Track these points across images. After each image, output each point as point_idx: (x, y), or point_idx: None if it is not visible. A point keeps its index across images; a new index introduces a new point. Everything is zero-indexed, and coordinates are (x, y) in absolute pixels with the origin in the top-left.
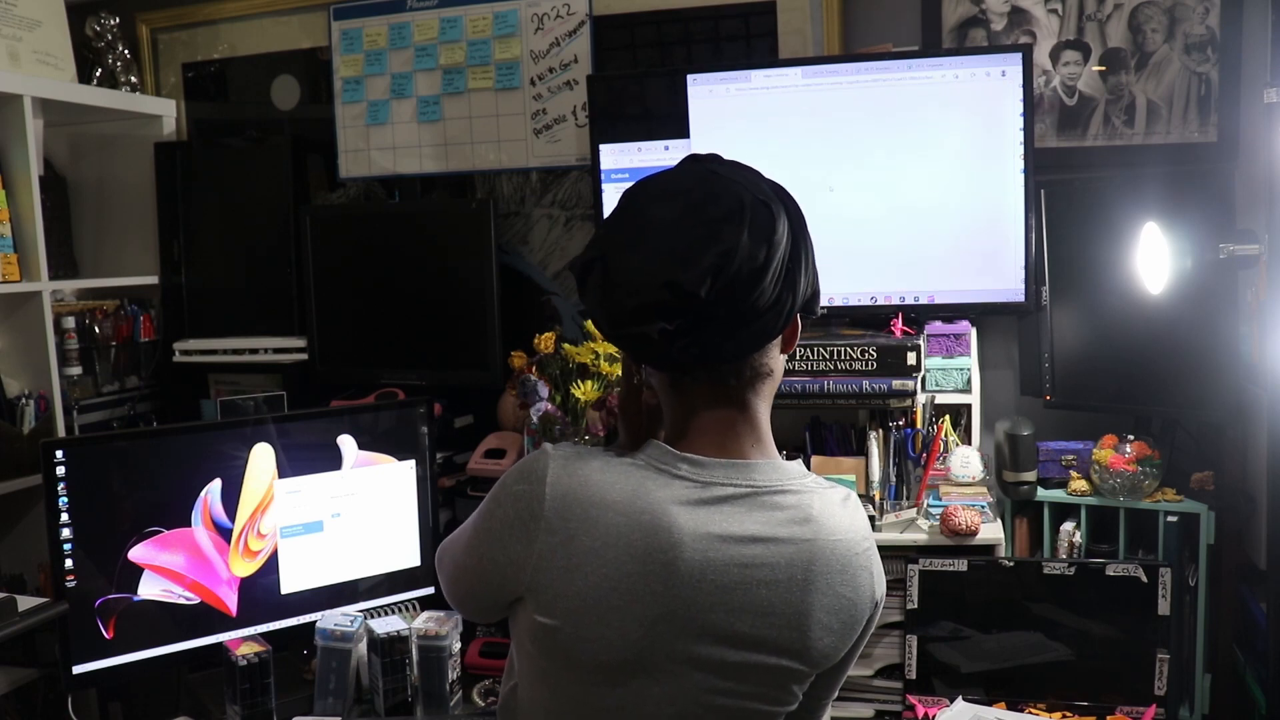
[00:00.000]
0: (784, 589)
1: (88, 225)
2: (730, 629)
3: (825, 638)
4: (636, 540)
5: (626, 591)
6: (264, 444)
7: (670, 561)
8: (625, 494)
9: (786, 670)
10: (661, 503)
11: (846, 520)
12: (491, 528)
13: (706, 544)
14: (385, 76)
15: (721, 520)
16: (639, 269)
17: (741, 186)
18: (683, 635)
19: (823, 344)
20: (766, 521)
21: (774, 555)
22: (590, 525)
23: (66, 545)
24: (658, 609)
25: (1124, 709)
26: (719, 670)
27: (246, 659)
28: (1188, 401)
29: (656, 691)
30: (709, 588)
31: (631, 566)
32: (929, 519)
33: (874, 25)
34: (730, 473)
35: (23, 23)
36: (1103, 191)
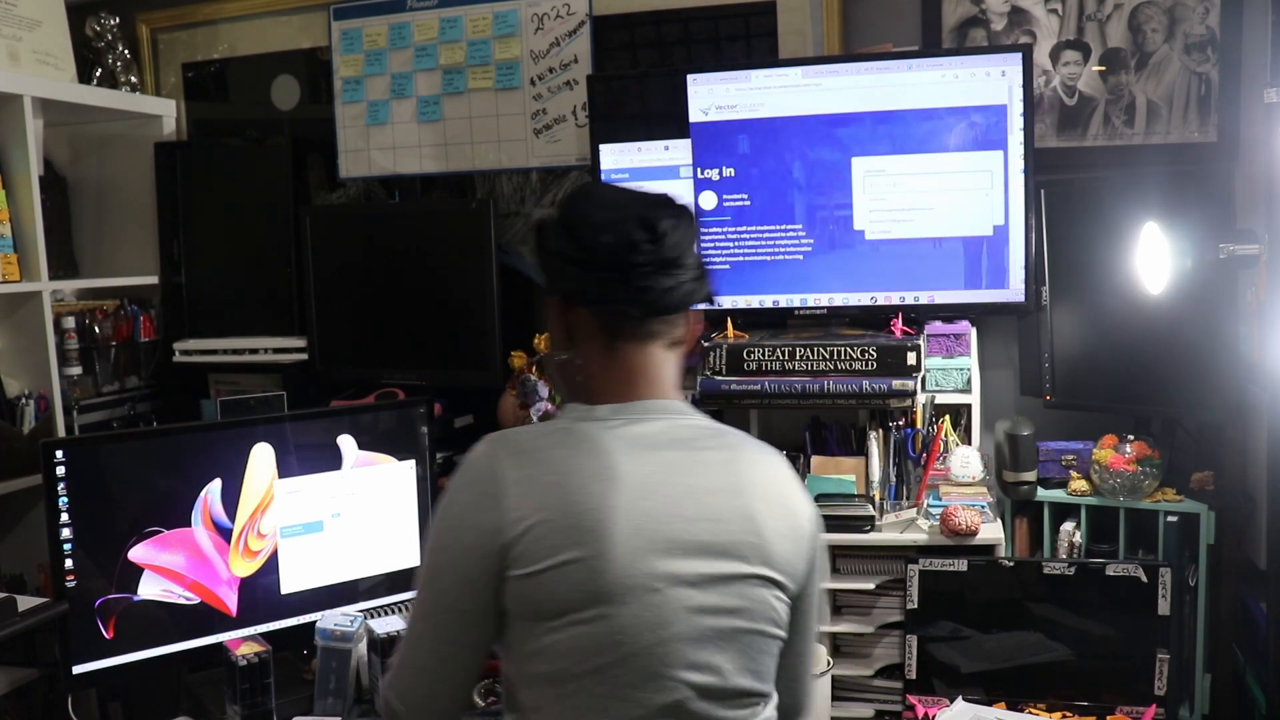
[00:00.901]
0: (727, 496)
1: (88, 225)
2: (694, 538)
3: (780, 543)
4: (585, 464)
5: (593, 511)
6: (264, 444)
7: (618, 477)
8: (559, 437)
9: (762, 580)
10: (592, 433)
11: (764, 450)
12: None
13: (643, 458)
14: (385, 76)
15: (648, 440)
16: (609, 219)
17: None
18: (653, 550)
19: (823, 344)
20: (690, 441)
21: (705, 465)
22: (544, 465)
23: (66, 545)
24: (624, 525)
25: (1124, 709)
26: (699, 583)
27: (246, 659)
28: (1188, 401)
29: (648, 616)
30: (659, 499)
31: (592, 486)
32: (929, 519)
33: (874, 25)
34: (643, 406)
35: (23, 23)
36: (1103, 191)
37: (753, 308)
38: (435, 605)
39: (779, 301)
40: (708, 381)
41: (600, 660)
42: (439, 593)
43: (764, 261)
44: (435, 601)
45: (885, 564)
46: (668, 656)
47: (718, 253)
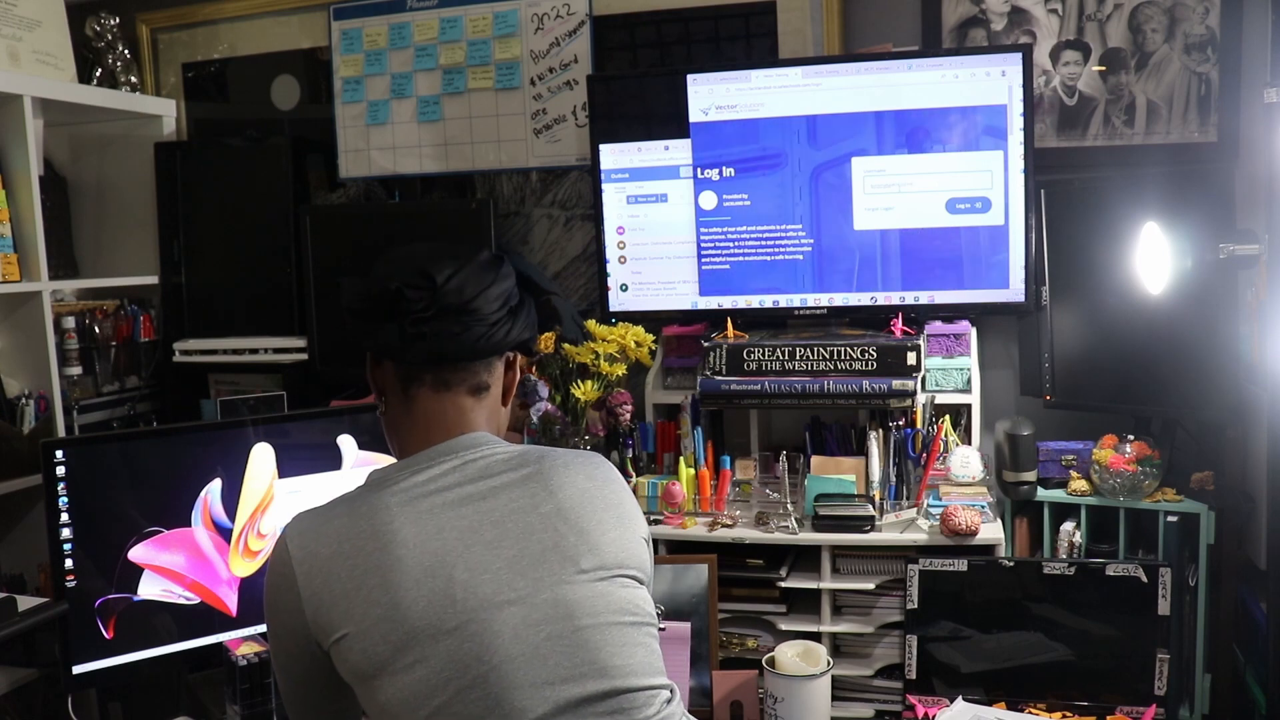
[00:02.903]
0: (530, 507)
1: (88, 225)
2: (500, 558)
3: (609, 533)
4: (362, 528)
5: (375, 569)
6: (264, 444)
7: (396, 529)
8: (344, 507)
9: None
10: (374, 496)
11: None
12: (270, 606)
13: (428, 503)
14: (385, 76)
15: (434, 484)
16: (401, 265)
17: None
18: (453, 584)
19: (823, 344)
20: (482, 471)
21: (502, 492)
22: (323, 540)
23: (66, 545)
24: (412, 570)
25: (1124, 709)
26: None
27: (246, 659)
28: (1188, 401)
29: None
30: (451, 534)
31: (369, 546)
32: (929, 519)
33: (874, 25)
34: (432, 453)
35: (23, 23)
36: (1103, 191)
37: (753, 308)
38: (284, 676)
39: (779, 301)
40: (707, 381)
41: (436, 702)
42: (281, 667)
43: (764, 261)
44: (283, 673)
45: (885, 564)
46: (505, 679)
47: (717, 253)
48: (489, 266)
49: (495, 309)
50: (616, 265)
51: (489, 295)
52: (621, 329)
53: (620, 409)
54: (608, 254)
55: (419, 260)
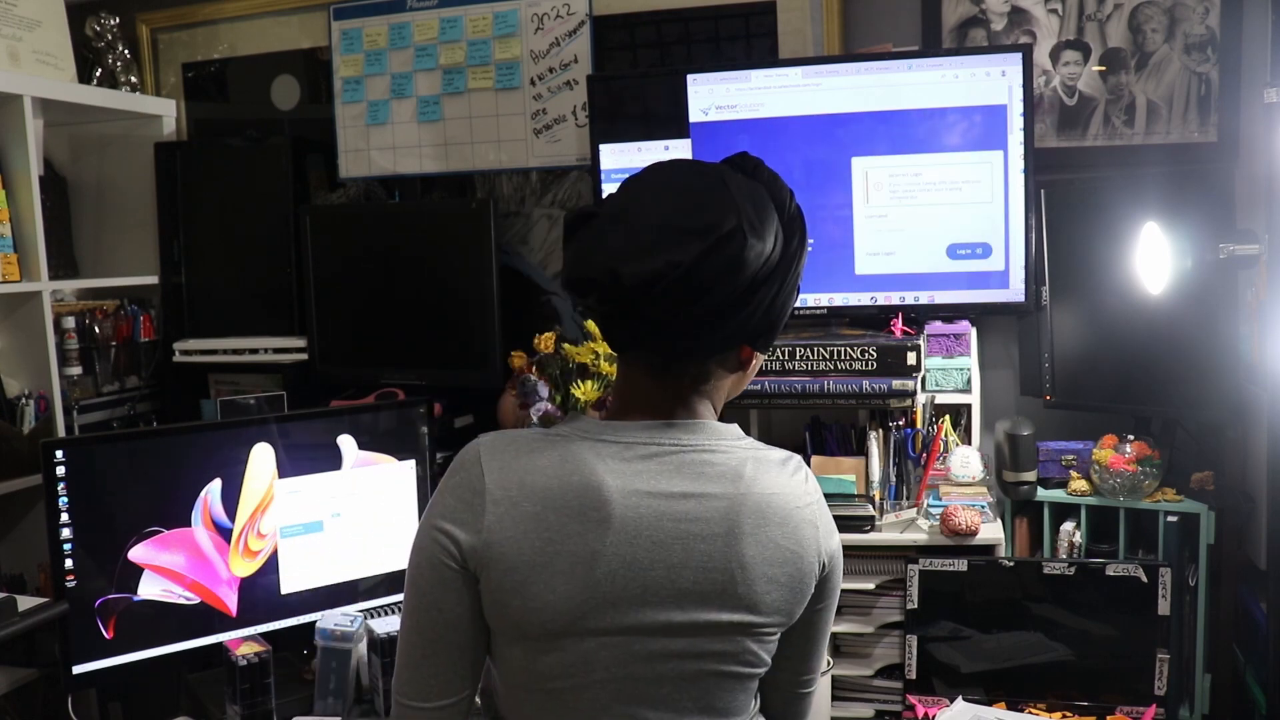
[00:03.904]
0: (720, 542)
1: (88, 225)
2: (674, 586)
3: (772, 590)
4: (571, 500)
5: (570, 554)
6: (264, 444)
7: (605, 519)
8: (554, 460)
9: (741, 626)
10: (588, 462)
11: (784, 478)
12: (437, 526)
13: (636, 500)
14: (385, 76)
15: (648, 478)
16: (602, 246)
17: (739, 208)
18: (626, 597)
19: (823, 344)
20: (696, 477)
21: (705, 509)
22: (528, 492)
23: (66, 545)
24: (601, 568)
25: (1124, 709)
26: (668, 631)
27: (246, 659)
28: (1188, 401)
29: (604, 656)
30: (645, 544)
31: (572, 527)
32: (929, 519)
33: (874, 25)
34: (654, 433)
35: (23, 23)
36: (1103, 191)
37: None
38: (418, 604)
39: None
40: None
41: (553, 685)
42: (421, 594)
43: None
44: (419, 602)
45: (885, 564)
46: (620, 694)
47: None
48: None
49: (711, 310)
50: None
51: (703, 299)
52: None
53: None
54: None
55: (619, 245)
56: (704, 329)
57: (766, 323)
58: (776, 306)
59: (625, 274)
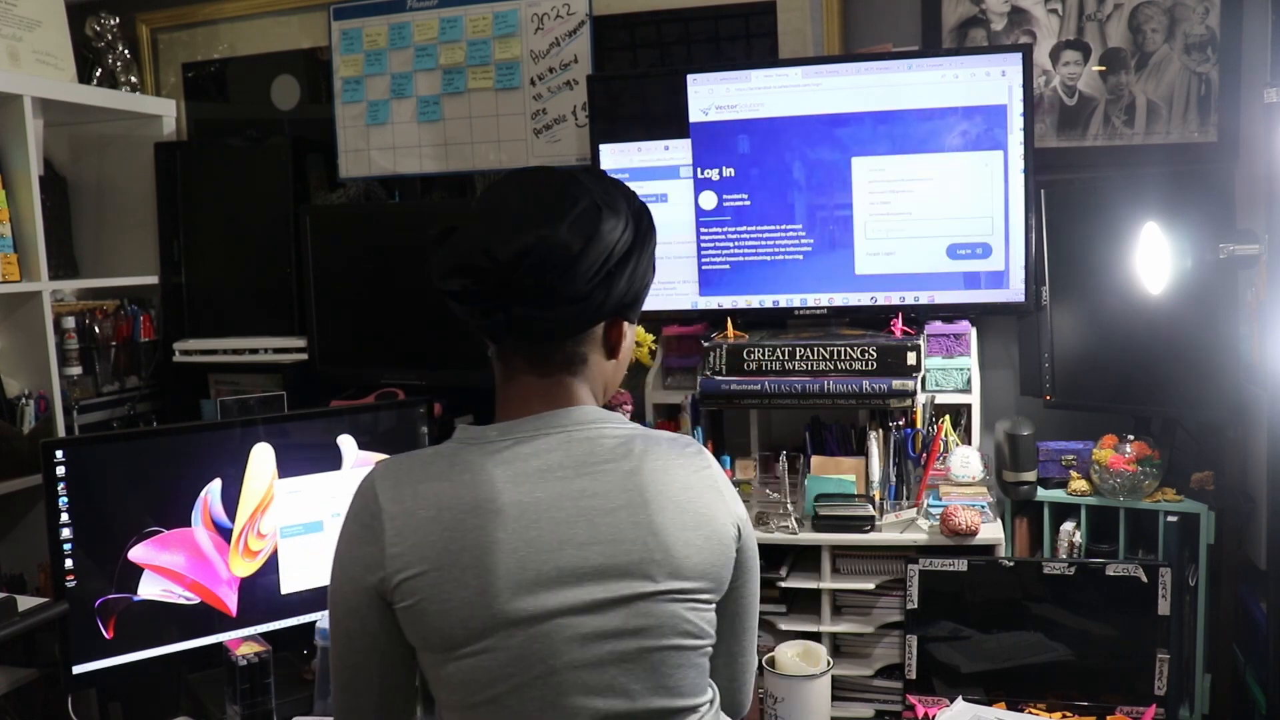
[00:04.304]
0: (625, 513)
1: (88, 225)
2: (587, 563)
3: (692, 553)
4: (464, 498)
5: (472, 547)
6: (264, 444)
7: (498, 509)
8: (443, 466)
9: (671, 594)
10: (476, 461)
11: (676, 449)
12: (343, 554)
13: (529, 485)
14: (385, 76)
15: (538, 465)
16: (472, 236)
17: (590, 191)
18: (540, 581)
19: (823, 344)
20: (585, 456)
21: (600, 484)
22: (422, 500)
23: (66, 545)
24: (505, 556)
25: (1124, 709)
26: (593, 609)
27: (246, 659)
28: (1188, 401)
29: (537, 648)
30: (547, 524)
31: (469, 521)
32: (929, 519)
33: (874, 25)
34: (538, 424)
35: (23, 23)
36: (1103, 191)
37: (753, 308)
38: (336, 632)
39: (779, 301)
40: (708, 381)
41: (494, 691)
42: (337, 621)
43: (764, 261)
44: (336, 629)
45: (885, 564)
46: (563, 686)
47: (717, 252)
48: (579, 227)
49: (585, 281)
50: None
51: (575, 271)
52: None
53: (620, 409)
54: None
55: (491, 234)
56: (574, 303)
57: (631, 294)
58: (637, 279)
59: (500, 251)
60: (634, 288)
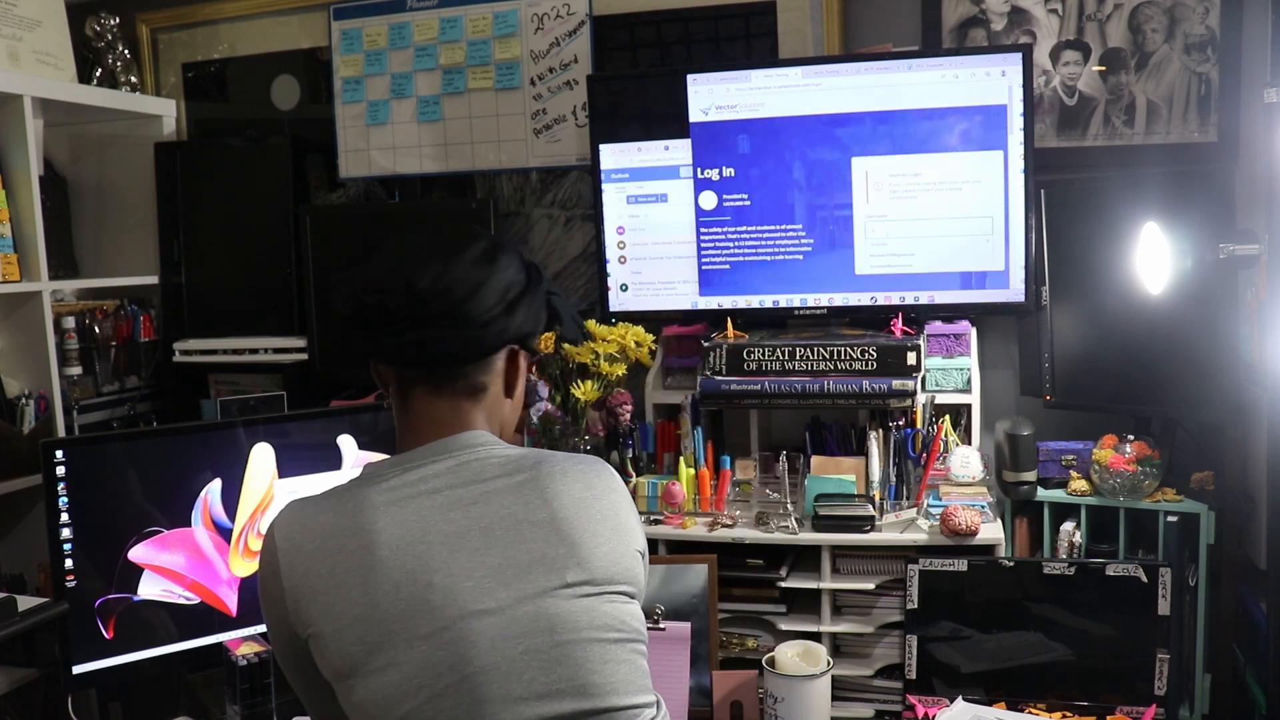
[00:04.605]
0: (524, 514)
1: (88, 225)
2: (486, 566)
3: (601, 543)
4: (346, 524)
5: (356, 566)
6: (264, 444)
7: (379, 530)
8: (333, 502)
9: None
10: (364, 494)
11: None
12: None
13: (416, 504)
14: (385, 76)
15: (424, 485)
16: (385, 273)
17: (485, 236)
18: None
19: (823, 344)
20: (475, 474)
21: (498, 496)
22: (310, 534)
23: (66, 545)
24: (393, 573)
25: (1124, 709)
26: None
27: (246, 659)
28: (1188, 401)
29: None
30: (437, 538)
31: (350, 544)
32: (929, 519)
33: (874, 25)
34: (431, 450)
35: (23, 23)
36: (1103, 191)
37: (753, 308)
38: (281, 661)
39: (779, 301)
40: (708, 381)
41: (406, 707)
42: (277, 653)
43: (764, 261)
44: (280, 659)
45: (885, 564)
46: (479, 692)
47: (717, 252)
48: (481, 262)
49: (488, 308)
50: (616, 265)
51: (480, 296)
52: (621, 329)
53: (620, 409)
54: (608, 254)
55: (403, 264)
56: (478, 327)
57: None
58: (532, 315)
59: (413, 276)
60: (530, 321)
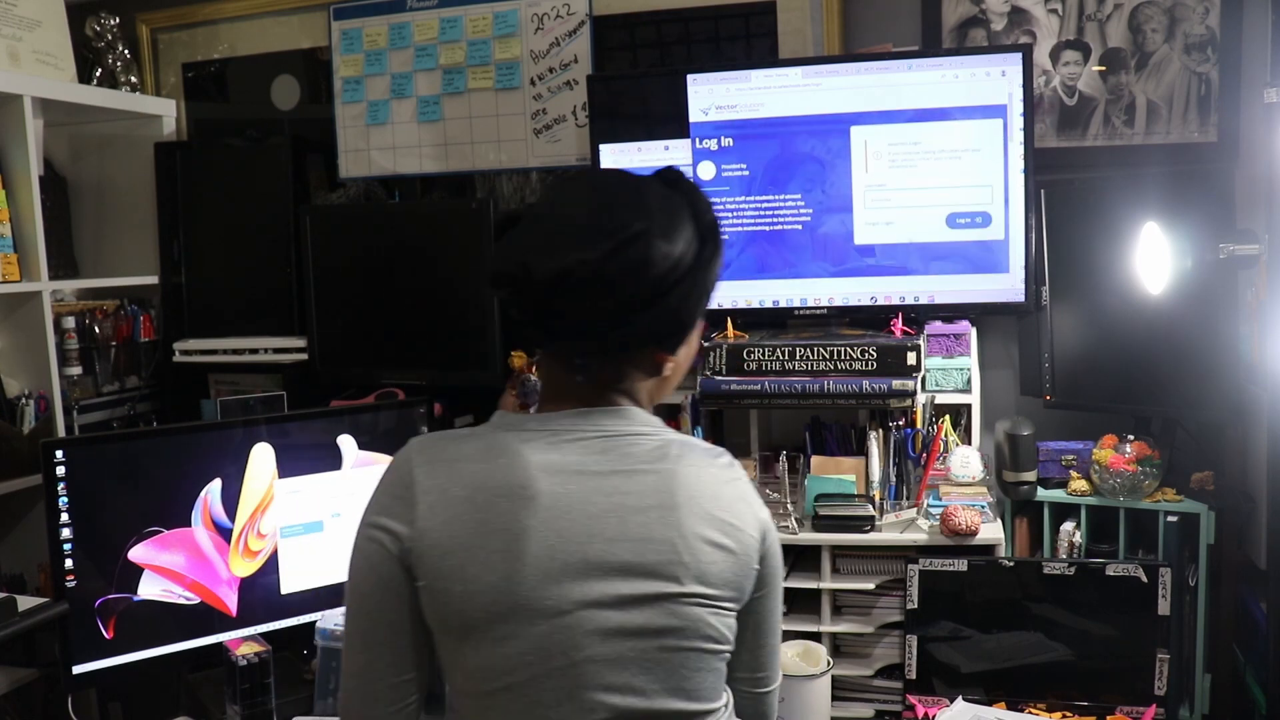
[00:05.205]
0: (655, 514)
1: (88, 225)
2: (615, 559)
3: (717, 559)
4: (499, 481)
5: (502, 530)
6: (264, 444)
7: (533, 495)
8: (480, 448)
9: (690, 597)
10: (513, 447)
11: (709, 458)
12: (371, 526)
13: (564, 477)
14: (385, 76)
15: (575, 457)
16: (519, 244)
17: (650, 214)
18: (567, 572)
19: (823, 344)
20: (623, 456)
21: (634, 484)
22: (457, 478)
23: (66, 545)
24: (535, 543)
25: (1124, 709)
26: (617, 605)
27: (246, 659)
28: (1188, 401)
29: (558, 639)
30: (579, 518)
31: (501, 504)
32: (929, 519)
33: (874, 25)
34: (577, 420)
35: (23, 23)
36: (1103, 191)
37: (753, 308)
38: (358, 609)
39: (779, 301)
40: (708, 381)
41: (511, 679)
42: (361, 596)
43: (763, 262)
44: (359, 606)
45: (885, 564)
46: (581, 678)
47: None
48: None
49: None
50: None
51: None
52: None
53: None
54: None
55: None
56: (611, 326)
57: (675, 324)
58: (685, 310)
59: (536, 269)
60: (680, 318)
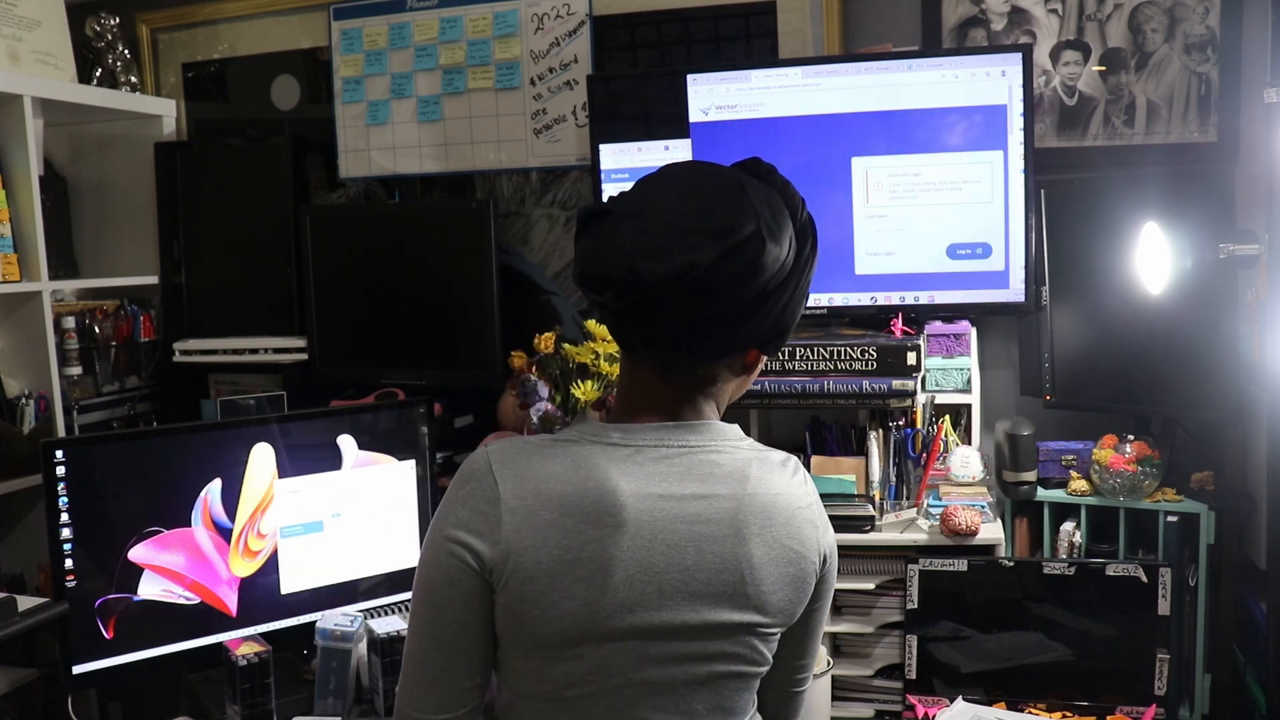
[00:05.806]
0: (730, 543)
1: (88, 225)
2: (687, 588)
3: (778, 590)
4: (587, 506)
5: (588, 560)
6: (264, 444)
7: (620, 523)
8: (567, 465)
9: (750, 627)
10: (601, 466)
11: (785, 479)
12: (450, 533)
13: (650, 503)
14: (385, 76)
15: (659, 480)
16: (620, 243)
17: (757, 213)
18: (643, 601)
19: (823, 344)
20: (704, 478)
21: (713, 510)
22: (544, 499)
23: (66, 545)
24: (618, 573)
25: (1124, 709)
26: (683, 633)
27: (246, 659)
28: (1188, 401)
29: (622, 661)
30: (660, 547)
31: (589, 533)
32: (929, 519)
33: (874, 25)
34: (662, 435)
35: (23, 23)
36: (1103, 191)
37: None
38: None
39: None
40: None
41: (568, 693)
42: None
43: None
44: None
45: (885, 564)
46: (635, 698)
47: None
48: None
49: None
50: None
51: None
52: None
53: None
54: None
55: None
56: (716, 331)
57: (777, 328)
58: (788, 312)
59: (644, 272)
60: (783, 320)
